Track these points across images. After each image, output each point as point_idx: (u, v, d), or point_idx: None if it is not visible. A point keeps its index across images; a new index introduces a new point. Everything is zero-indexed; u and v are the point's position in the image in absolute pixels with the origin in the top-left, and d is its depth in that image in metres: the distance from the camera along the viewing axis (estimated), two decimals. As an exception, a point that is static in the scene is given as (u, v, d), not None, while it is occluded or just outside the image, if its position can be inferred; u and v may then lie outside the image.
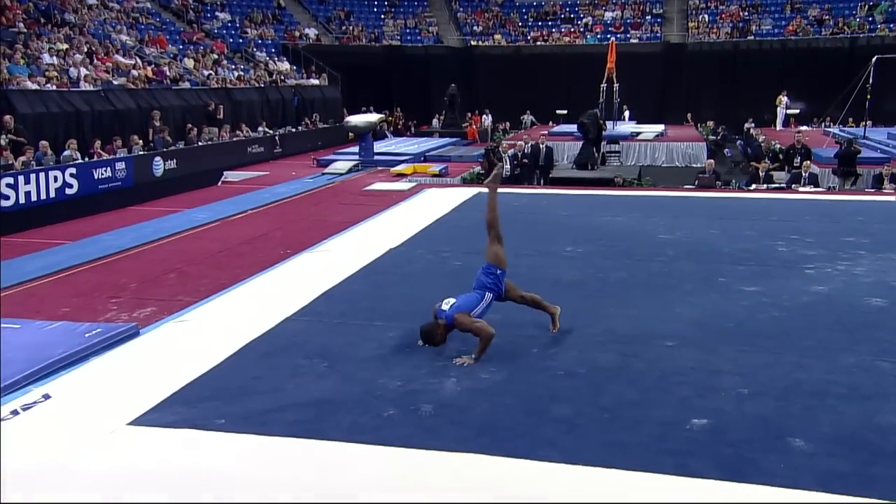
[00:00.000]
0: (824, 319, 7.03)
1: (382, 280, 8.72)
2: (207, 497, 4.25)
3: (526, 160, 17.58)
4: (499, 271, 6.33)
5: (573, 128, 21.62)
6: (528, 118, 30.60)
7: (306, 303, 7.78)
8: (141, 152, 17.03)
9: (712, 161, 17.33)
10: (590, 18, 34.22)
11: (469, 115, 29.79)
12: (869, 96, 21.65)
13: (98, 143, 16.41)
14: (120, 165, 15.61)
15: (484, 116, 30.06)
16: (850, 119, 24.65)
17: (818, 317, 7.10)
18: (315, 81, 29.45)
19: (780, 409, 5.16)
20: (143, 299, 8.23)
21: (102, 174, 15.12)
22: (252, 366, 6.17)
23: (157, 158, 16.94)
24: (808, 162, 15.64)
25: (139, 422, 5.19)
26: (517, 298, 6.57)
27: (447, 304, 6.24)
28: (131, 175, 15.81)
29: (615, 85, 25.15)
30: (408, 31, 34.83)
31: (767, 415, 5.08)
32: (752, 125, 25.65)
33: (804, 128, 21.03)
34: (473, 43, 34.07)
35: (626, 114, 29.12)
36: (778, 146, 18.21)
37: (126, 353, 6.49)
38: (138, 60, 21.59)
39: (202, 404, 5.42)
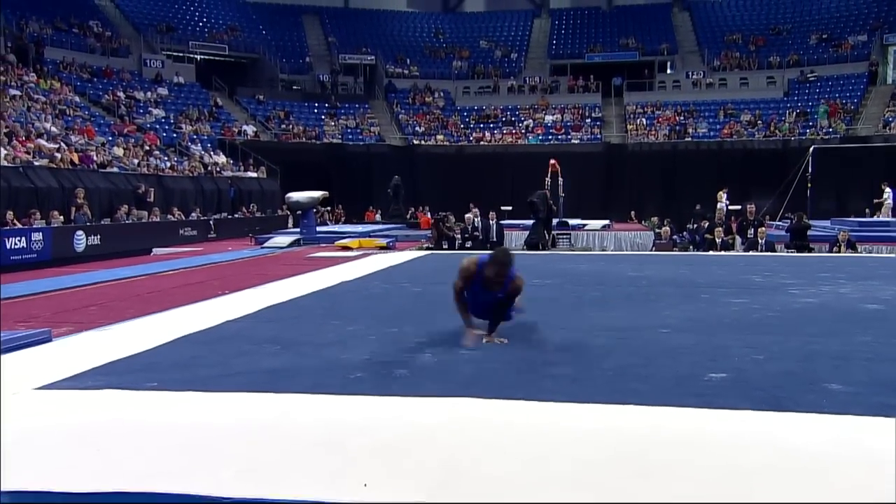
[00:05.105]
0: (824, 316, 6.47)
1: (338, 298, 7.93)
2: (146, 448, 3.30)
3: (477, 233, 17.09)
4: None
5: (520, 221, 21.46)
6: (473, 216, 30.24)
7: (252, 311, 6.93)
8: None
9: (668, 228, 17.06)
10: (531, 121, 34.69)
11: (413, 209, 29.40)
12: (810, 185, 21.94)
13: (11, 214, 14.82)
14: (36, 236, 13.98)
15: (423, 211, 29.58)
16: (789, 214, 24.93)
17: (817, 314, 6.55)
18: (253, 174, 28.69)
19: (805, 367, 4.52)
20: (58, 323, 6.98)
21: (15, 244, 13.31)
22: (190, 349, 5.29)
23: (80, 232, 15.35)
24: (763, 229, 15.46)
25: (50, 387, 4.27)
26: None
27: None
28: (49, 248, 14.19)
29: (560, 180, 25.15)
30: (349, 130, 34.66)
31: (793, 370, 4.43)
32: (693, 224, 25.74)
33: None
34: (416, 142, 34.10)
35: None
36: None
37: (36, 352, 5.42)
38: (63, 146, 20.16)
39: (129, 375, 4.51)
